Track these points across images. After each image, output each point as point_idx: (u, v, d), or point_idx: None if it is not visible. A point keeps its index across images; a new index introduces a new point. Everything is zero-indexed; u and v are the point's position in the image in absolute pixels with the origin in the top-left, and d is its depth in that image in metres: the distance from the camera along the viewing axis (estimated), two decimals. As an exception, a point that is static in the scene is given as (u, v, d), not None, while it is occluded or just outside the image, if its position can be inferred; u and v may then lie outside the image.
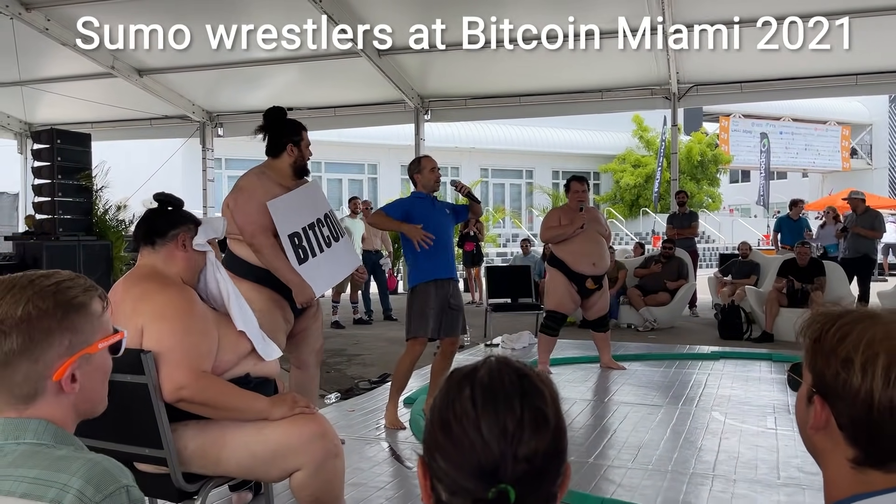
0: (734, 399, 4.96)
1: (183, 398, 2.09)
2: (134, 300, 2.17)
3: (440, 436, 0.80)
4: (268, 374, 2.39)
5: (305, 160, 3.52)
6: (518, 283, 8.16)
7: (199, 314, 2.18)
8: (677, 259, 9.19)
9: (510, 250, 18.40)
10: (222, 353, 2.22)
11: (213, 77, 11.05)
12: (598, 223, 5.82)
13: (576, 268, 5.73)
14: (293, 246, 3.36)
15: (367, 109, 11.80)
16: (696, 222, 10.21)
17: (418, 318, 4.23)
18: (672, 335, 8.31)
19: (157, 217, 2.36)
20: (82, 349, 1.13)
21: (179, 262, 2.30)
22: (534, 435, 0.80)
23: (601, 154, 25.48)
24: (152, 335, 2.11)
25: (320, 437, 2.22)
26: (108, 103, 11.54)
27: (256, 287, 3.34)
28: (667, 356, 6.58)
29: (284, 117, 3.55)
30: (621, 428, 4.26)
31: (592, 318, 5.95)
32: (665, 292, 8.93)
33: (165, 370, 2.08)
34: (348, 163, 22.73)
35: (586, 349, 6.57)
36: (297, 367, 3.68)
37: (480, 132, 23.25)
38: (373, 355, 6.96)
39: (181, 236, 2.32)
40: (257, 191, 3.37)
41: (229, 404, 2.14)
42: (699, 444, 3.94)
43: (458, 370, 0.86)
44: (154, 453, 2.15)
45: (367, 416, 4.60)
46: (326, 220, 3.55)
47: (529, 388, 0.82)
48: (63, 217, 8.51)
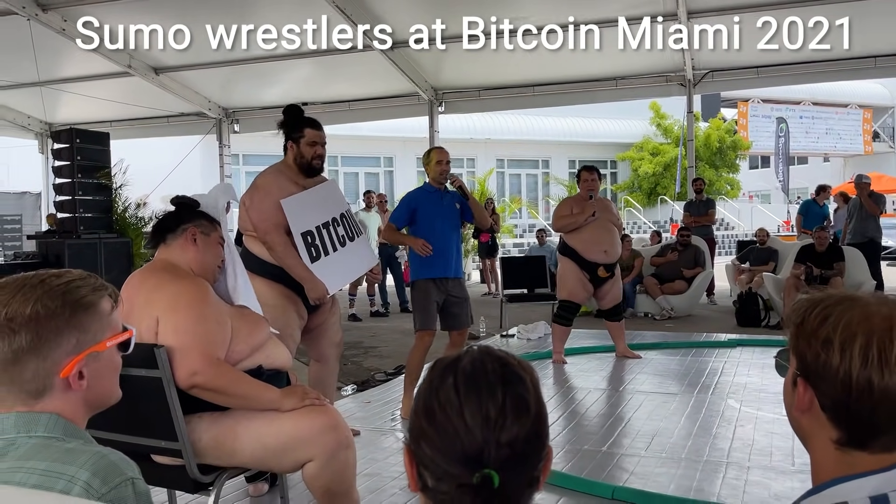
0: (750, 387, 4.95)
1: (196, 384, 2.14)
2: (148, 291, 2.23)
3: (425, 423, 0.83)
4: (280, 367, 2.43)
5: (306, 158, 3.49)
6: (533, 274, 8.17)
7: (212, 303, 2.24)
8: (694, 247, 9.14)
9: (526, 241, 18.36)
10: (235, 344, 2.26)
11: (228, 74, 11.12)
12: (609, 212, 5.82)
13: (587, 256, 5.73)
14: (306, 244, 3.40)
15: (382, 103, 11.82)
16: (712, 210, 10.15)
17: (422, 312, 4.27)
18: (689, 323, 8.28)
19: (168, 216, 2.43)
20: (90, 347, 1.16)
21: (190, 255, 2.36)
22: (515, 421, 0.82)
23: (618, 142, 25.30)
24: (167, 324, 2.16)
25: (331, 428, 2.25)
26: (125, 102, 11.66)
27: (270, 283, 3.39)
28: (683, 344, 6.56)
29: (292, 114, 3.56)
30: (636, 417, 4.27)
31: (606, 308, 5.95)
32: (682, 280, 8.89)
33: (179, 356, 2.13)
34: (364, 156, 22.80)
35: (602, 339, 6.57)
36: (317, 361, 3.73)
37: (495, 123, 23.19)
38: (389, 347, 7.01)
39: (190, 230, 2.37)
40: (273, 188, 3.42)
41: (241, 392, 2.18)
42: (714, 431, 3.94)
43: (441, 360, 0.88)
44: (169, 445, 2.20)
45: (383, 407, 4.65)
46: (342, 220, 3.58)
47: (511, 375, 0.84)
48: (84, 215, 8.62)
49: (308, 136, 3.48)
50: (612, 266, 5.81)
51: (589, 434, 3.95)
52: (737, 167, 25.24)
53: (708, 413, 4.32)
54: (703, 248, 9.22)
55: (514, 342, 7.03)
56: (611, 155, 25.45)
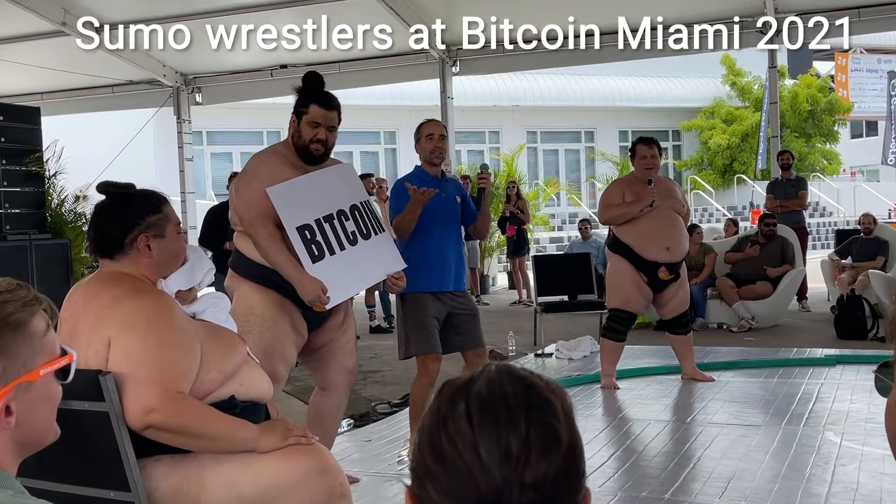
0: (854, 415, 4.93)
1: (152, 424, 2.16)
2: (100, 308, 2.26)
3: (431, 461, 0.84)
4: (257, 398, 2.45)
5: (304, 139, 3.53)
6: (575, 276, 8.18)
7: (178, 325, 2.27)
8: (780, 238, 9.10)
9: (566, 234, 18.37)
10: (206, 372, 2.29)
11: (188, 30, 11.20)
12: (671, 197, 5.81)
13: (645, 254, 5.72)
14: (304, 241, 3.43)
15: (380, 63, 11.86)
16: (804, 191, 10.11)
17: (418, 331, 4.21)
18: (775, 336, 8.25)
19: (105, 223, 2.42)
20: (19, 377, 1.18)
21: (146, 268, 2.39)
22: (542, 456, 0.83)
23: (682, 107, 25.20)
24: (120, 347, 2.20)
25: (321, 473, 2.28)
26: (59, 68, 11.76)
27: (261, 289, 3.44)
28: (768, 363, 6.55)
29: (307, 83, 3.63)
30: (707, 455, 4.28)
31: (669, 317, 5.95)
32: (765, 281, 8.86)
33: (132, 389, 2.15)
34: (359, 131, 22.79)
35: (664, 357, 6.56)
36: (323, 389, 3.78)
37: (525, 85, 23.15)
38: (394, 371, 7.05)
39: (141, 239, 2.38)
40: (261, 171, 3.49)
41: (209, 432, 2.21)
42: (807, 473, 3.93)
43: (450, 382, 0.89)
44: (120, 497, 2.23)
45: (386, 446, 4.68)
46: (353, 213, 3.61)
47: (536, 400, 0.86)
48: (10, 211, 8.71)
49: (311, 114, 3.52)
50: (676, 266, 5.79)
51: (648, 478, 3.96)
52: (835, 136, 25.02)
53: (800, 449, 4.31)
54: (793, 239, 9.18)
55: (551, 363, 7.03)
56: (673, 123, 25.36)
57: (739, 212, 21.51)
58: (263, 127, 19.72)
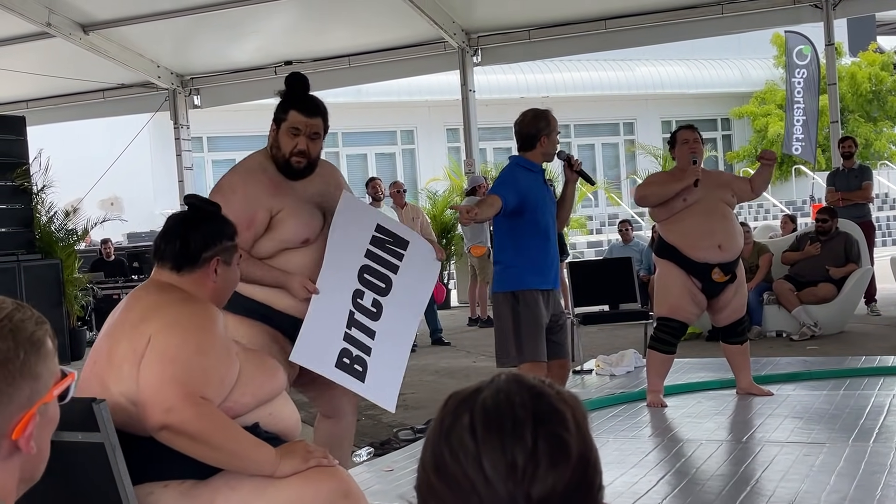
0: (930, 429, 4.90)
1: (169, 424, 2.23)
2: (145, 308, 2.41)
3: (433, 477, 0.86)
4: (282, 432, 2.52)
5: (282, 152, 3.43)
6: (617, 283, 8.15)
7: (220, 337, 2.39)
8: (843, 235, 9.03)
9: (606, 237, 18.28)
10: (241, 394, 2.39)
11: (183, 27, 11.29)
12: (723, 188, 5.76)
13: (695, 255, 5.67)
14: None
15: (394, 55, 11.91)
16: (868, 181, 10.01)
17: (533, 335, 4.29)
18: (841, 343, 8.19)
19: (191, 233, 2.53)
20: (41, 398, 1.21)
21: (205, 291, 2.52)
22: (551, 469, 0.85)
23: (731, 93, 25.04)
24: (157, 345, 2.30)
25: (342, 496, 2.33)
26: (45, 73, 11.87)
27: (246, 322, 3.42)
28: (833, 374, 6.50)
29: (288, 86, 3.54)
30: (766, 476, 4.27)
31: (724, 325, 5.88)
32: (828, 283, 8.79)
33: (156, 387, 2.24)
34: (374, 131, 22.94)
35: (716, 370, 6.54)
36: (327, 417, 3.81)
37: (554, 75, 23.12)
38: (417, 394, 7.06)
39: (214, 261, 2.52)
40: (237, 189, 3.43)
41: (227, 445, 2.27)
42: (878, 494, 3.91)
43: (455, 393, 0.92)
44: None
45: (409, 476, 4.69)
46: (379, 244, 3.64)
47: (545, 410, 0.88)
48: (-5, 231, 8.85)
49: (291, 121, 3.42)
50: (731, 266, 5.71)
51: (704, 501, 3.95)
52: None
53: (869, 468, 4.28)
54: (858, 235, 9.11)
55: (591, 380, 7.02)
56: (722, 111, 25.18)
57: (799, 207, 21.33)
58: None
